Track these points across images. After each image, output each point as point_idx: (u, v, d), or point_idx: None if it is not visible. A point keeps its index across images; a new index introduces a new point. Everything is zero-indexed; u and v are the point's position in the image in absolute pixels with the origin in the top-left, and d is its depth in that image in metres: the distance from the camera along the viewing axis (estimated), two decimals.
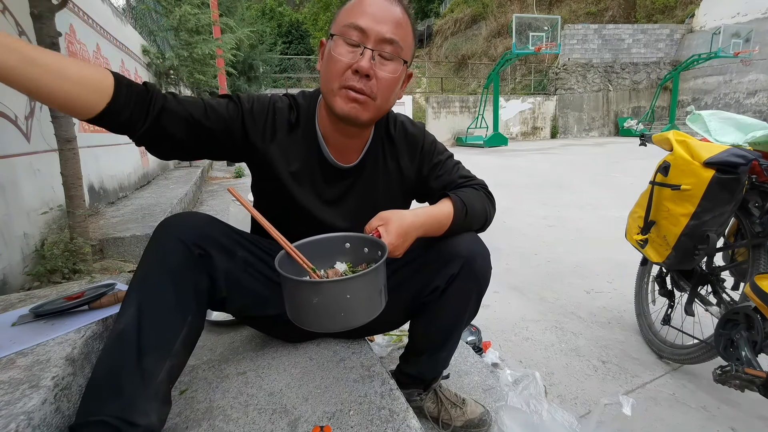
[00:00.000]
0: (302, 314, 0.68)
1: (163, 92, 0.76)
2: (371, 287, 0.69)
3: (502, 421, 1.06)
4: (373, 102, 0.80)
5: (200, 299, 0.77)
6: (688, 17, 17.44)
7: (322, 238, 0.81)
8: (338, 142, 0.89)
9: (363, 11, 0.76)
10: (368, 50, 0.76)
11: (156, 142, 0.77)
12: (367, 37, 0.76)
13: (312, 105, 0.91)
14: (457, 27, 22.58)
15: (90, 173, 2.79)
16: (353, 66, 0.76)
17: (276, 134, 0.87)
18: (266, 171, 0.89)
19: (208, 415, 0.85)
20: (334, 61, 0.77)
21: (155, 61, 5.60)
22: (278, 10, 21.48)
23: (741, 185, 1.21)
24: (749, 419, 1.25)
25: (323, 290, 0.65)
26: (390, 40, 0.77)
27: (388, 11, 0.77)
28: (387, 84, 0.80)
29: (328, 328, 0.69)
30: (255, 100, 0.87)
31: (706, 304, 1.45)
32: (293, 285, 0.67)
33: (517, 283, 2.37)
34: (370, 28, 0.76)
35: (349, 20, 0.77)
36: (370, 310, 0.70)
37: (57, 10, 1.63)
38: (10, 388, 0.70)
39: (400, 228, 0.78)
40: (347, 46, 0.77)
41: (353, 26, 0.76)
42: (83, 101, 0.65)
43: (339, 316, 0.66)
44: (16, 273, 1.61)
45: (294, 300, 0.69)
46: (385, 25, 0.77)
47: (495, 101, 14.34)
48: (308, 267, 0.74)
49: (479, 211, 0.90)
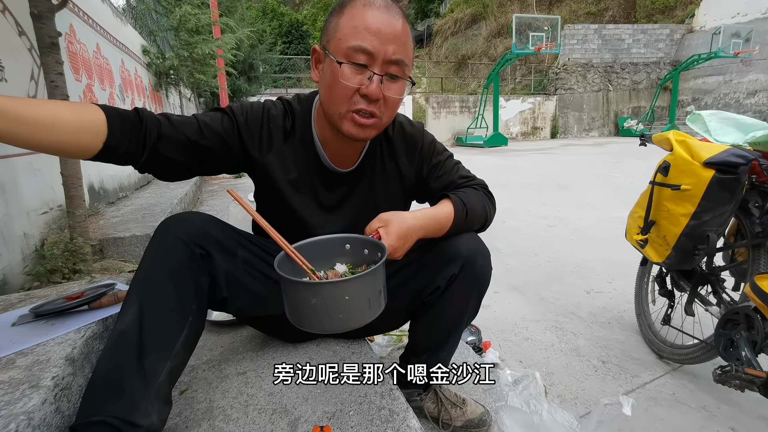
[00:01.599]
0: (301, 315, 0.68)
1: (156, 116, 0.75)
2: (370, 289, 0.69)
3: (502, 421, 1.06)
4: (379, 122, 0.80)
5: (201, 299, 0.77)
6: (688, 17, 17.43)
7: (322, 240, 0.81)
8: (337, 146, 0.89)
9: (367, 30, 0.72)
10: (377, 76, 0.74)
11: (159, 168, 0.77)
12: (374, 60, 0.74)
13: (307, 110, 0.90)
14: (457, 27, 22.57)
15: (90, 173, 2.79)
16: (362, 91, 0.75)
17: (272, 143, 0.87)
18: (266, 180, 0.89)
19: (208, 415, 0.85)
20: (341, 87, 0.75)
21: (155, 61, 5.60)
22: (279, 10, 21.50)
23: (741, 185, 1.21)
24: (749, 419, 1.25)
25: (322, 291, 0.65)
26: (397, 61, 0.75)
27: (391, 26, 0.74)
28: (394, 103, 0.80)
29: (326, 329, 0.69)
30: (248, 110, 0.86)
31: (706, 304, 1.45)
32: (292, 286, 0.67)
33: (517, 283, 2.37)
34: (377, 50, 0.73)
35: (353, 42, 0.73)
36: (369, 312, 0.69)
37: (57, 10, 1.63)
38: (10, 388, 0.70)
39: (400, 230, 0.78)
40: (354, 68, 0.74)
41: (360, 49, 0.73)
42: (80, 145, 0.66)
43: (338, 318, 0.66)
44: (16, 273, 1.61)
45: (293, 301, 0.68)
46: (391, 45, 0.74)
47: (495, 101, 14.33)
48: (307, 268, 0.74)
49: (479, 212, 0.90)
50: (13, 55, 1.92)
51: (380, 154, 0.95)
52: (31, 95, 2.00)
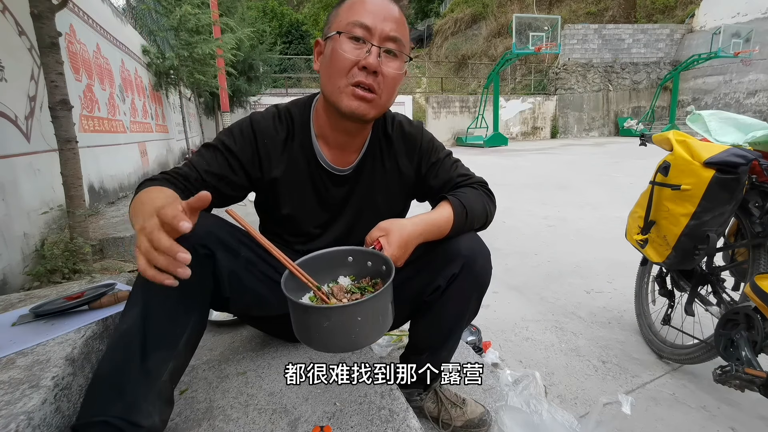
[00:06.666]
0: (312, 337, 0.68)
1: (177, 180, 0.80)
2: (381, 307, 0.68)
3: (502, 421, 1.06)
4: (378, 99, 0.81)
5: (204, 299, 0.77)
6: (688, 17, 17.43)
7: (325, 253, 0.80)
8: (338, 141, 0.89)
9: (365, 9, 0.77)
10: (375, 47, 0.77)
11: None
12: (372, 34, 0.77)
13: (305, 112, 0.91)
14: (457, 27, 22.57)
15: (90, 173, 2.79)
16: (360, 62, 0.77)
17: (271, 158, 0.88)
18: (269, 190, 0.91)
19: (208, 415, 0.85)
20: (340, 59, 0.77)
21: (155, 61, 5.60)
22: (278, 10, 21.49)
23: (741, 185, 1.21)
24: (749, 419, 1.25)
25: (334, 315, 0.64)
26: (394, 38, 0.78)
27: (388, 10, 0.79)
28: (392, 80, 0.81)
29: (337, 350, 0.69)
30: (236, 134, 0.86)
31: (706, 304, 1.45)
32: (302, 310, 0.66)
33: (517, 283, 2.37)
34: (374, 25, 0.77)
35: (352, 18, 0.77)
36: (379, 329, 0.69)
37: (57, 10, 1.63)
38: (10, 388, 0.70)
39: (401, 239, 0.78)
40: (352, 42, 0.77)
41: (358, 24, 0.76)
42: None
43: (350, 338, 0.66)
44: (16, 273, 1.61)
45: (302, 323, 0.68)
46: (388, 23, 0.78)
47: (495, 101, 14.34)
48: (313, 285, 0.73)
49: (479, 212, 0.90)
50: (13, 55, 1.92)
51: (379, 153, 0.95)
52: (31, 95, 2.00)
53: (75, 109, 1.88)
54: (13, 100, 1.84)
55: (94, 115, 3.17)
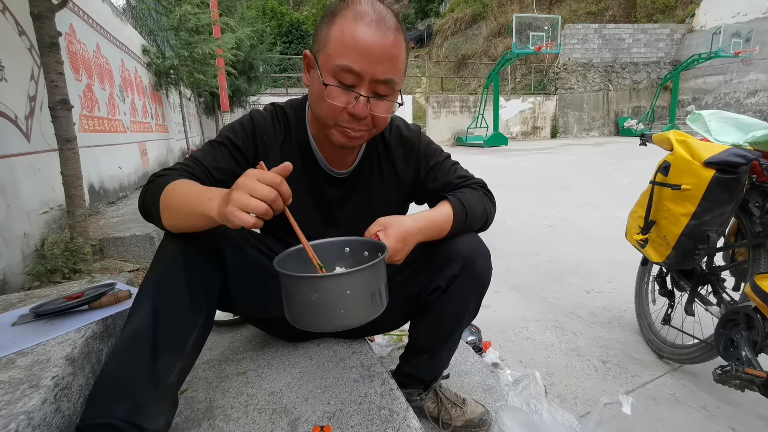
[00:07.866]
0: (302, 313, 0.67)
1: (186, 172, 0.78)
2: (372, 284, 0.68)
3: (502, 420, 1.06)
4: (369, 134, 0.80)
5: (212, 299, 0.77)
6: (689, 17, 17.42)
7: (321, 243, 0.80)
8: (332, 148, 0.89)
9: (356, 48, 0.69)
10: (363, 97, 0.73)
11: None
12: (362, 80, 0.71)
13: (300, 114, 0.90)
14: (457, 27, 22.56)
15: (90, 173, 2.79)
16: (349, 110, 0.74)
17: (268, 154, 0.87)
18: None
19: (208, 415, 0.85)
20: (326, 105, 0.74)
21: (155, 60, 5.60)
22: (278, 10, 21.48)
23: (741, 185, 1.21)
24: (749, 419, 1.25)
25: (323, 286, 0.64)
26: (385, 81, 0.73)
27: (381, 45, 0.70)
28: (383, 118, 0.79)
29: (327, 327, 0.68)
30: (239, 130, 0.86)
31: (706, 304, 1.45)
32: (292, 282, 0.66)
33: (517, 283, 2.37)
34: (365, 71, 0.70)
35: (341, 61, 0.70)
36: (371, 309, 0.69)
37: (57, 9, 1.63)
38: (10, 388, 0.70)
39: (399, 233, 0.77)
40: (341, 88, 0.72)
41: (347, 69, 0.70)
42: None
43: (339, 314, 0.65)
44: (16, 272, 1.61)
45: (292, 298, 0.68)
46: (381, 65, 0.71)
47: (495, 101, 14.33)
48: (316, 263, 0.73)
49: (479, 212, 0.90)
50: (13, 54, 1.92)
51: (377, 157, 0.95)
52: (31, 95, 2.00)
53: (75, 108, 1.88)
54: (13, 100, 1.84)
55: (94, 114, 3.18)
